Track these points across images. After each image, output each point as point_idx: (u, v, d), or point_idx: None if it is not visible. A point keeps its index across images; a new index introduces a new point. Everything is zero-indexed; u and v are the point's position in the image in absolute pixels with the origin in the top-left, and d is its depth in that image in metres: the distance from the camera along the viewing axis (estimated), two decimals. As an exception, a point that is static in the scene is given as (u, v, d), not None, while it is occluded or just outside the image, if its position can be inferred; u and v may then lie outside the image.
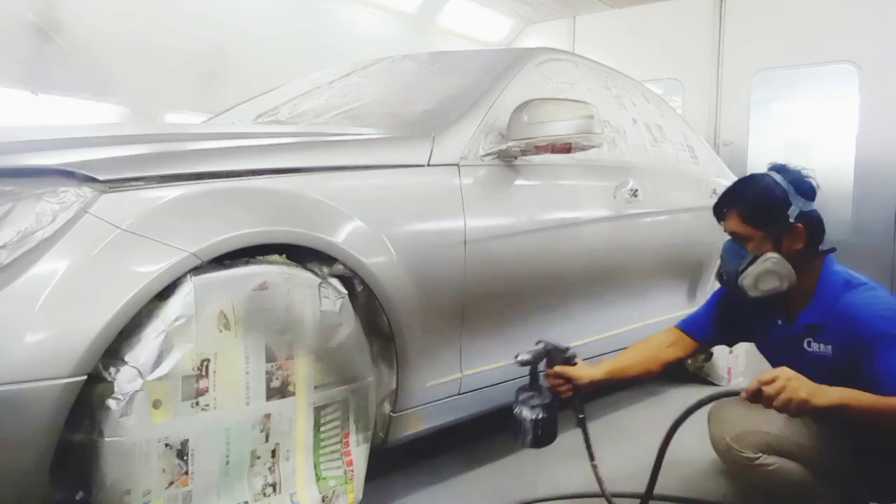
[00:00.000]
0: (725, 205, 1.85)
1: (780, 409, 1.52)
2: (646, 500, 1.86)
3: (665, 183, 3.12)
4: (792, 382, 1.51)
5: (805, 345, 1.79)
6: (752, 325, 1.95)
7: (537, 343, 1.88)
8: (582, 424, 1.89)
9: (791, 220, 1.74)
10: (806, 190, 1.78)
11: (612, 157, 2.80)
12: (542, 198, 2.36)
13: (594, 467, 1.89)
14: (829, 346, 1.74)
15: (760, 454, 1.79)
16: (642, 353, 2.05)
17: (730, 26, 5.94)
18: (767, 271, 1.75)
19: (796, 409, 1.50)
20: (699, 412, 1.72)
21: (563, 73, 2.75)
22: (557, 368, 1.88)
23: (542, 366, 1.89)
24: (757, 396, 1.55)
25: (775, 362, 1.83)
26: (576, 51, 6.34)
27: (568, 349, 1.90)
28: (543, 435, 1.82)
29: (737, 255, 1.81)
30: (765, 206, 1.77)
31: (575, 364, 1.90)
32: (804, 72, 5.66)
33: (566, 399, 1.90)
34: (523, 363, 1.83)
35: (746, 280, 1.78)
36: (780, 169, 1.83)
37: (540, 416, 1.79)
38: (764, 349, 1.99)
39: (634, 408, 3.12)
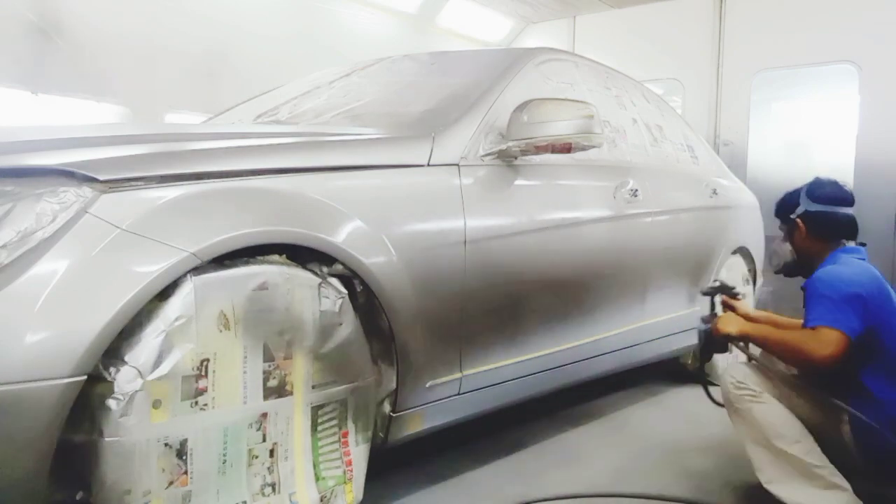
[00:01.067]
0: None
1: (716, 336, 2.13)
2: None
3: (665, 183, 3.12)
4: (723, 318, 2.15)
5: (803, 305, 2.10)
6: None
7: (714, 281, 2.60)
8: (744, 349, 2.17)
9: (793, 217, 2.20)
10: (816, 194, 2.18)
11: (612, 157, 2.80)
12: (542, 198, 2.36)
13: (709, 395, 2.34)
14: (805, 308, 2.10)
15: (763, 391, 2.03)
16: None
17: (730, 26, 5.93)
18: (773, 252, 2.33)
19: (723, 337, 2.11)
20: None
21: (563, 73, 2.75)
22: (726, 299, 2.36)
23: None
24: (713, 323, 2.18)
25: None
26: (576, 51, 6.34)
27: (734, 287, 2.40)
28: (707, 345, 2.26)
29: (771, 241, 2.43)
30: (781, 205, 2.28)
31: (739, 300, 2.37)
32: (804, 72, 5.66)
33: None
34: (705, 293, 2.41)
35: (770, 258, 2.40)
36: (813, 180, 2.26)
37: (707, 328, 2.23)
38: None
39: (634, 408, 3.12)
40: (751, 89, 5.79)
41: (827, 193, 2.18)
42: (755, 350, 2.14)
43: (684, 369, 3.56)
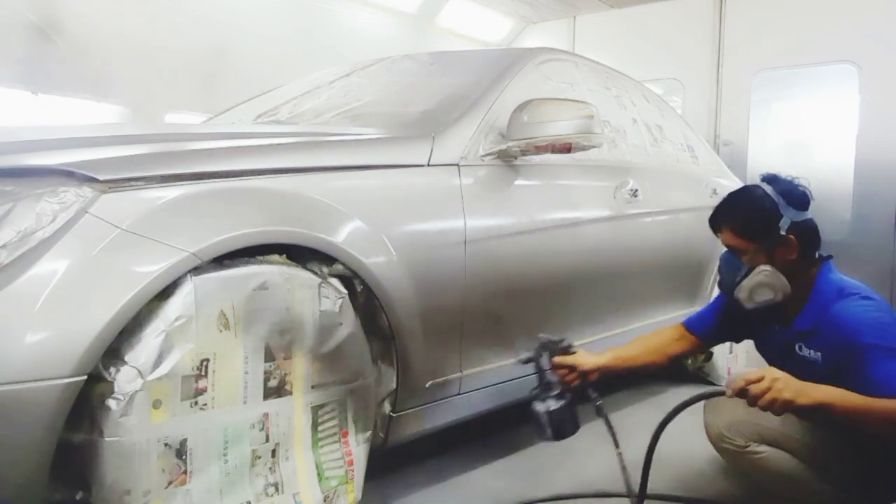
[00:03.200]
0: (718, 219, 1.88)
1: (764, 408, 1.54)
2: (640, 501, 1.85)
3: (665, 183, 3.12)
4: (777, 383, 1.53)
5: (797, 349, 1.81)
6: (753, 326, 1.98)
7: (539, 338, 1.91)
8: (600, 411, 1.87)
9: (783, 233, 1.76)
10: (797, 200, 1.78)
11: (612, 157, 2.80)
12: (542, 198, 2.36)
13: (619, 455, 1.87)
14: (820, 353, 1.76)
15: (751, 443, 1.82)
16: (648, 344, 2.10)
17: (730, 26, 5.93)
18: (760, 284, 1.77)
19: (780, 409, 1.53)
20: (689, 409, 1.73)
21: (563, 73, 2.75)
22: (558, 359, 1.90)
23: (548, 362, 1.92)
24: (742, 394, 1.56)
25: (771, 363, 1.84)
26: (576, 51, 6.33)
27: (563, 340, 1.92)
28: (562, 425, 1.84)
29: (733, 267, 1.84)
30: (756, 220, 1.79)
31: (574, 353, 1.92)
32: (804, 72, 5.65)
33: (577, 388, 1.90)
34: (525, 361, 1.89)
35: (742, 293, 1.81)
36: (770, 179, 1.83)
37: (552, 407, 1.80)
38: (762, 350, 2.02)
39: (634, 408, 3.12)
40: (751, 89, 5.78)
41: (801, 194, 1.80)
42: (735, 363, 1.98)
43: (684, 369, 3.56)
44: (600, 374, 1.95)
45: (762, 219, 1.78)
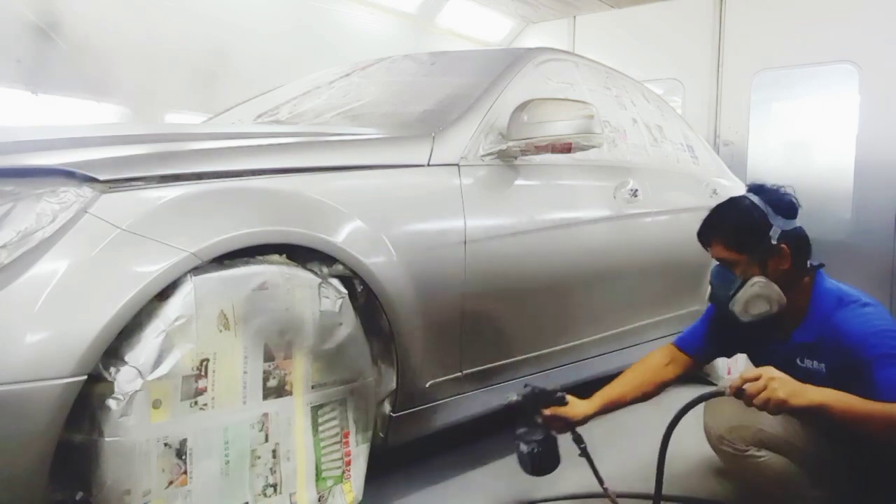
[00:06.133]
0: (707, 232, 1.86)
1: (760, 408, 1.54)
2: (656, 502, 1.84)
3: (665, 183, 3.12)
4: (773, 382, 1.52)
5: (798, 361, 1.80)
6: (747, 341, 1.96)
7: (525, 387, 1.84)
8: (585, 455, 1.86)
9: (774, 242, 1.74)
10: (786, 208, 1.77)
11: (612, 157, 2.80)
12: (542, 198, 2.36)
13: (605, 491, 1.87)
14: (823, 364, 1.75)
15: (750, 447, 1.81)
16: (637, 377, 2.02)
17: (730, 26, 5.93)
18: (756, 296, 1.75)
19: (774, 408, 1.52)
20: (693, 410, 1.72)
21: (563, 73, 2.75)
22: (549, 411, 1.82)
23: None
24: (740, 393, 1.56)
25: None
26: (576, 51, 6.33)
27: (556, 392, 1.84)
28: (542, 465, 1.83)
29: (725, 280, 1.81)
30: (745, 231, 1.76)
31: (566, 403, 1.83)
32: (804, 72, 5.65)
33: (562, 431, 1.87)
34: (513, 407, 1.82)
35: (737, 306, 1.78)
36: (757, 189, 1.82)
37: (536, 449, 1.79)
38: (759, 364, 1.94)
39: (634, 408, 3.11)
40: (751, 89, 5.78)
41: (789, 203, 1.79)
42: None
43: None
44: (589, 420, 1.90)
45: (752, 229, 1.76)
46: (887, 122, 5.11)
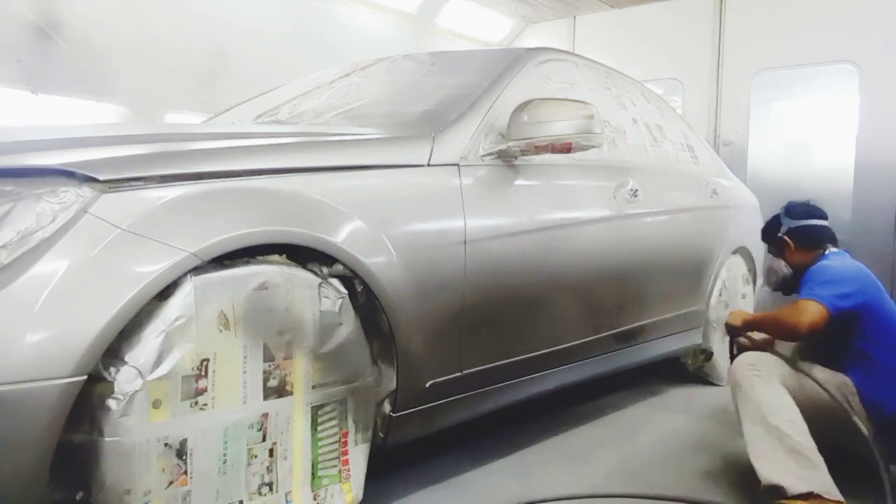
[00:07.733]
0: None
1: (727, 333, 2.43)
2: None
3: (665, 183, 3.12)
4: (730, 315, 2.42)
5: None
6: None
7: None
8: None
9: (779, 235, 2.46)
10: (793, 212, 2.48)
11: (612, 157, 2.80)
12: (542, 198, 2.36)
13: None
14: None
15: (772, 375, 2.13)
16: None
17: (730, 26, 5.93)
18: (769, 269, 2.52)
19: (731, 331, 2.40)
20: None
21: (563, 73, 2.75)
22: None
23: None
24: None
25: None
26: (576, 51, 6.33)
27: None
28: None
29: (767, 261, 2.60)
30: (764, 232, 2.58)
31: None
32: (804, 72, 5.66)
33: None
34: None
35: (765, 275, 2.59)
36: (787, 203, 2.52)
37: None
38: None
39: (635, 408, 3.12)
40: (751, 89, 5.78)
41: (802, 210, 2.49)
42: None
43: (684, 369, 3.56)
44: (745, 322, 2.40)
45: (768, 227, 2.55)
46: (887, 122, 5.11)
